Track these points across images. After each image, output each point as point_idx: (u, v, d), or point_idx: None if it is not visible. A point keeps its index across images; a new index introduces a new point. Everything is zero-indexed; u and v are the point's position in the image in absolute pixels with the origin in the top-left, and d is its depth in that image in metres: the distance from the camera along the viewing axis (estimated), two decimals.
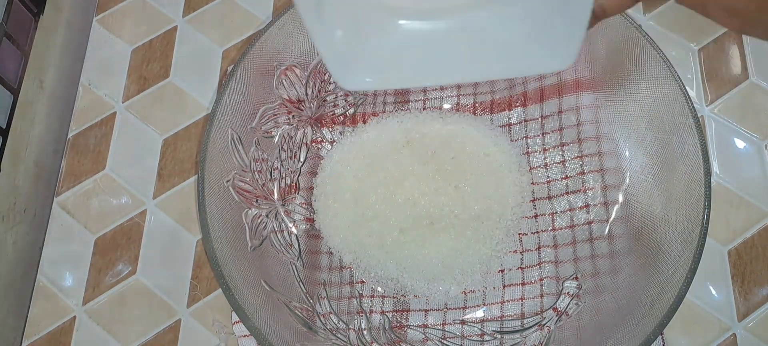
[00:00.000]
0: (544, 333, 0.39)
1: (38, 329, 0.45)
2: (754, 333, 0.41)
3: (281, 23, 0.43)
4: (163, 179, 0.49)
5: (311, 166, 0.46)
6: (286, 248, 0.43)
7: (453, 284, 0.42)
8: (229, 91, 0.42)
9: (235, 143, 0.42)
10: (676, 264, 0.36)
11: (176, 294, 0.45)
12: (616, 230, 0.41)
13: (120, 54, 0.53)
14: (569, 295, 0.40)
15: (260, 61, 0.43)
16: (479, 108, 0.47)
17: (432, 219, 0.42)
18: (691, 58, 0.49)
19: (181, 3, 0.54)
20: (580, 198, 0.43)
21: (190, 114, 0.50)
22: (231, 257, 0.39)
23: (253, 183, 0.43)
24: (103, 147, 0.50)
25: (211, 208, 0.39)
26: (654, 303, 0.36)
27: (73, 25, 0.57)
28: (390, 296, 0.43)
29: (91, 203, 0.48)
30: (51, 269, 0.47)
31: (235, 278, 0.38)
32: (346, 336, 0.40)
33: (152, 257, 0.47)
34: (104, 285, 0.46)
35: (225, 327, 0.44)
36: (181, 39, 0.53)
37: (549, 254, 0.42)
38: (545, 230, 0.43)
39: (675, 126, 0.39)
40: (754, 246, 0.43)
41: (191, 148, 0.49)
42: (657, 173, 0.40)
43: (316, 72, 0.46)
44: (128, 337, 0.45)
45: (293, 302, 0.40)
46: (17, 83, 0.50)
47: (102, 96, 0.52)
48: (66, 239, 0.47)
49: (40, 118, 0.52)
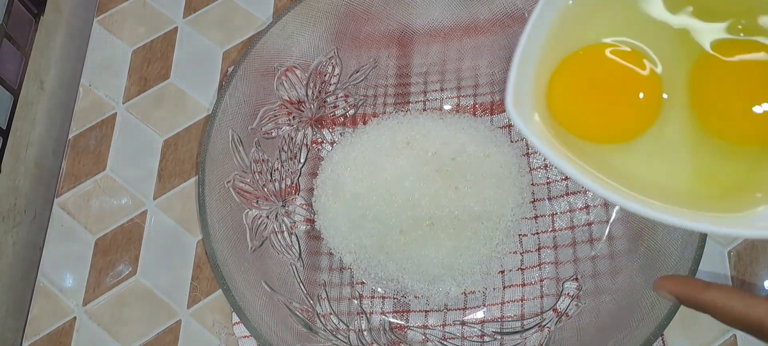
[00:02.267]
0: (544, 334, 0.39)
1: (38, 330, 0.45)
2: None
3: (282, 24, 0.43)
4: (163, 179, 0.49)
5: (311, 167, 0.46)
6: (286, 249, 0.43)
7: (453, 285, 0.42)
8: (229, 92, 0.42)
9: (236, 144, 0.42)
10: (676, 265, 0.36)
11: (176, 295, 0.45)
12: (616, 231, 0.41)
13: (120, 55, 0.53)
14: (569, 296, 0.40)
15: (261, 62, 0.43)
16: (479, 109, 0.47)
17: (432, 220, 0.42)
18: None
19: (181, 4, 0.54)
20: (580, 199, 0.43)
21: (190, 115, 0.50)
22: (231, 257, 0.39)
23: (253, 184, 0.43)
24: (103, 148, 0.50)
25: (212, 209, 0.39)
26: (654, 304, 0.36)
27: (74, 26, 0.57)
28: (390, 297, 0.43)
29: (92, 204, 0.48)
30: (51, 269, 0.47)
31: (235, 278, 0.38)
32: (346, 337, 0.40)
33: (152, 258, 0.47)
34: (104, 286, 0.46)
35: (225, 328, 0.44)
36: (182, 40, 0.53)
37: (549, 255, 0.42)
38: (545, 231, 0.43)
39: None
40: (754, 247, 0.43)
41: (192, 149, 0.49)
42: None
43: (317, 73, 0.46)
44: (128, 337, 0.45)
45: (293, 303, 0.40)
46: (17, 84, 0.50)
47: (102, 97, 0.52)
48: (66, 240, 0.47)
49: (41, 118, 0.52)
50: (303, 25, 0.44)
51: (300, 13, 0.43)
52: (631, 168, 0.28)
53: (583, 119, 0.28)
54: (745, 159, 0.27)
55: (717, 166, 0.27)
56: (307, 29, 0.44)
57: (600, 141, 0.28)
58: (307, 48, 0.45)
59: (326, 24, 0.44)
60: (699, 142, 0.28)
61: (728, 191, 0.27)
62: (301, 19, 0.43)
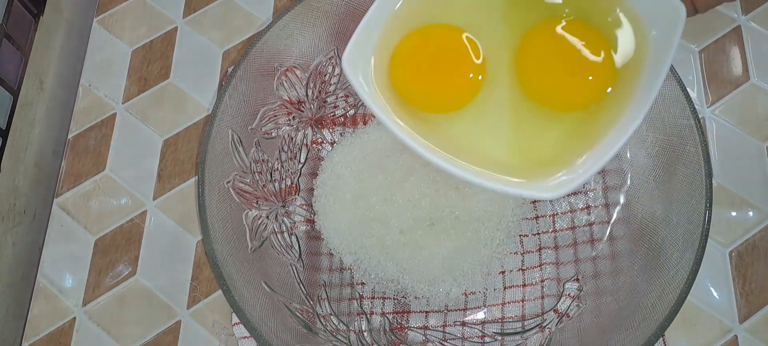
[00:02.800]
0: (544, 335, 0.39)
1: (38, 330, 0.45)
2: (755, 335, 0.41)
3: (282, 24, 0.43)
4: (163, 180, 0.49)
5: (312, 168, 0.46)
6: (286, 250, 0.43)
7: (454, 286, 0.42)
8: (229, 92, 0.42)
9: (236, 144, 0.42)
10: (677, 266, 0.36)
11: (176, 295, 0.45)
12: (617, 231, 0.41)
13: (120, 55, 0.53)
14: (570, 296, 0.40)
15: (261, 62, 0.43)
16: None
17: (433, 220, 0.42)
18: (692, 59, 0.49)
19: (181, 4, 0.54)
20: (581, 199, 0.43)
21: (190, 115, 0.50)
22: (231, 258, 0.39)
23: (253, 184, 0.43)
24: (103, 148, 0.50)
25: (212, 209, 0.39)
26: (655, 305, 0.36)
27: (73, 26, 0.57)
28: (390, 298, 0.42)
29: (91, 204, 0.48)
30: (51, 270, 0.47)
31: (235, 279, 0.38)
32: (346, 338, 0.40)
33: (152, 258, 0.46)
34: (104, 286, 0.46)
35: (225, 328, 0.44)
36: (182, 40, 0.53)
37: (550, 256, 0.42)
38: (546, 232, 0.43)
39: (676, 127, 0.39)
40: (755, 247, 0.43)
41: (191, 149, 0.49)
42: (658, 175, 0.40)
43: (317, 73, 0.46)
44: (128, 338, 0.44)
45: (293, 304, 0.40)
46: (17, 84, 0.50)
47: (102, 97, 0.52)
48: (66, 240, 0.47)
49: (40, 119, 0.52)
50: (303, 25, 0.43)
51: (300, 13, 0.43)
52: (459, 134, 0.32)
53: (416, 91, 0.32)
54: (558, 130, 0.31)
55: (535, 135, 0.32)
56: (307, 29, 0.44)
57: (431, 110, 0.32)
58: (307, 48, 0.45)
59: (326, 24, 0.44)
60: (520, 113, 0.32)
61: (542, 160, 0.31)
62: (301, 19, 0.43)
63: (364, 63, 0.31)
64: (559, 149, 0.31)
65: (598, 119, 0.31)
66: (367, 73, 0.31)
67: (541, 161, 0.31)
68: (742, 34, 0.49)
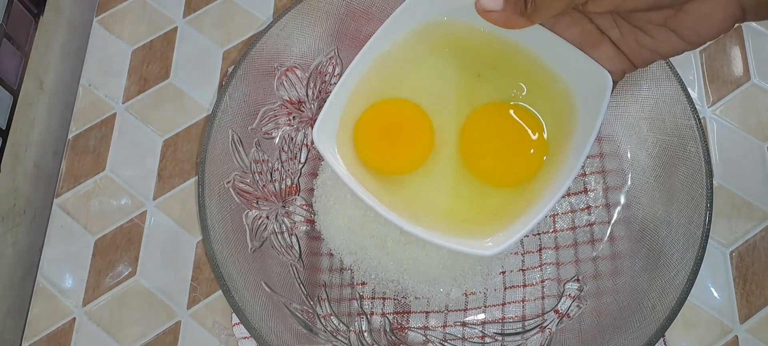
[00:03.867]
0: (545, 335, 0.39)
1: (38, 331, 0.45)
2: (755, 335, 0.41)
3: (282, 24, 0.43)
4: (163, 180, 0.49)
5: (312, 168, 0.46)
6: (286, 250, 0.43)
7: (454, 286, 0.42)
8: (229, 92, 0.42)
9: (236, 144, 0.42)
10: (678, 266, 0.36)
11: (176, 296, 0.45)
12: (617, 231, 0.41)
13: (120, 55, 0.53)
14: (571, 297, 0.40)
15: (261, 62, 0.43)
16: None
17: None
18: (693, 59, 0.49)
19: (181, 3, 0.54)
20: (582, 200, 0.43)
21: (190, 115, 0.50)
22: (231, 258, 0.39)
23: (253, 184, 0.43)
24: (103, 148, 0.50)
25: (212, 209, 0.39)
26: (656, 305, 0.36)
27: (74, 26, 0.57)
28: (391, 298, 0.42)
29: (91, 204, 0.48)
30: (51, 270, 0.47)
31: (235, 279, 0.38)
32: (346, 338, 0.40)
33: (152, 259, 0.46)
34: (104, 286, 0.46)
35: (225, 329, 0.44)
36: (182, 40, 0.53)
37: (550, 256, 0.42)
38: (547, 232, 0.43)
39: (677, 127, 0.39)
40: (755, 248, 0.43)
41: (191, 149, 0.49)
42: (659, 175, 0.40)
43: (317, 73, 0.46)
44: (128, 338, 0.44)
45: (294, 304, 0.40)
46: (17, 84, 0.50)
47: (102, 97, 0.52)
48: (66, 240, 0.47)
49: (40, 119, 0.52)
50: (303, 25, 0.43)
51: (300, 13, 0.43)
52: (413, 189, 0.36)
53: (374, 158, 0.37)
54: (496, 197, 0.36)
55: (474, 200, 0.36)
56: (307, 29, 0.44)
57: (385, 173, 0.37)
58: (307, 48, 0.45)
59: (326, 24, 0.44)
60: (462, 180, 0.36)
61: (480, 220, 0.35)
62: (301, 19, 0.43)
63: (331, 134, 0.35)
64: (499, 206, 0.35)
65: (534, 182, 0.35)
66: (333, 142, 0.35)
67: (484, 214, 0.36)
68: (743, 34, 0.49)
